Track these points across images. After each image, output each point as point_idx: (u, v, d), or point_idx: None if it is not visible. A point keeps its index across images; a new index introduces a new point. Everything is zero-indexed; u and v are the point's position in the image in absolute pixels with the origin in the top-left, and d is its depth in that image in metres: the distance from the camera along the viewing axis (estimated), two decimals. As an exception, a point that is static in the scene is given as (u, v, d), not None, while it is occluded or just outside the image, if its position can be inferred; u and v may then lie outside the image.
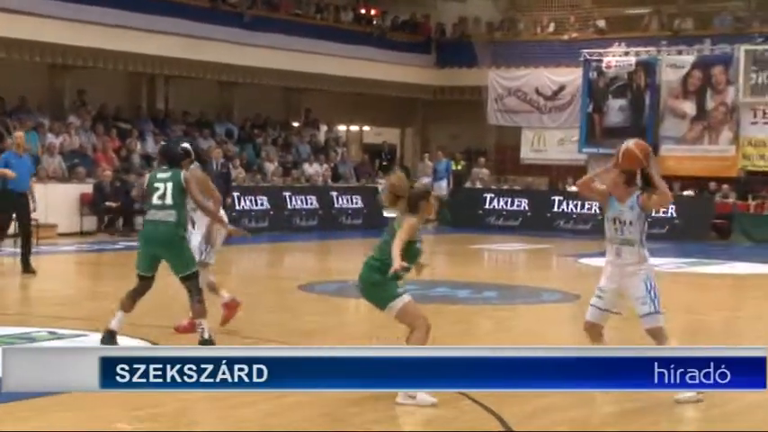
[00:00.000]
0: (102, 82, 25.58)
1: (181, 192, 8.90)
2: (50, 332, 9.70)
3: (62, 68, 24.65)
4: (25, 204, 14.63)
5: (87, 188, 22.01)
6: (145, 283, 9.01)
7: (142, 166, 23.74)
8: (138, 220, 22.66)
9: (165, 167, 9.17)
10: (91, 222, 22.02)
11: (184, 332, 9.74)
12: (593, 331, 7.76)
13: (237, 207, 23.38)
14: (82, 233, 21.46)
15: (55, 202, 20.44)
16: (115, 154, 23.79)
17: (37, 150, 21.66)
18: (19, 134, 16.09)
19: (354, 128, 35.29)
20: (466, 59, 31.67)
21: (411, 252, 7.44)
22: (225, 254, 17.86)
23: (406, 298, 7.37)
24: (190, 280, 9.03)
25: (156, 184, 8.95)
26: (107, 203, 21.91)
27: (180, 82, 27.42)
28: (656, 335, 7.57)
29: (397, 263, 7.14)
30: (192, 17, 25.52)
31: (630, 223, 7.58)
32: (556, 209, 26.68)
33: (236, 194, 23.18)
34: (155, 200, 8.92)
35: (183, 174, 9.00)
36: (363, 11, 32.28)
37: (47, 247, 18.14)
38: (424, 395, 7.08)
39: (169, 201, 8.87)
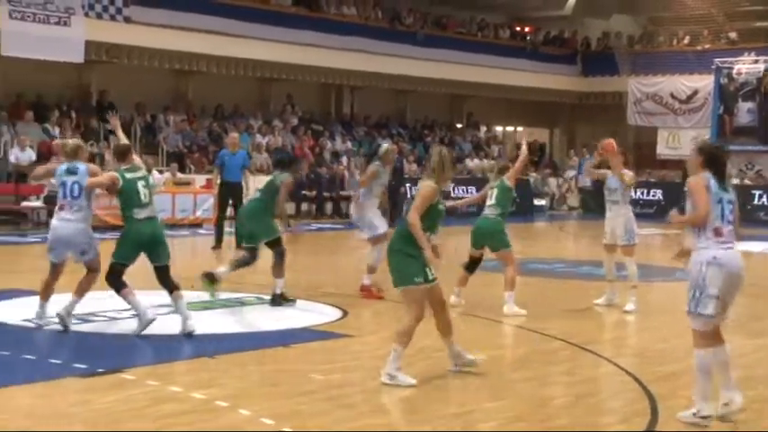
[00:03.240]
0: (301, 92, 26.19)
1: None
2: (258, 297, 9.96)
3: (269, 81, 25.36)
4: (239, 192, 15.01)
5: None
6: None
7: (331, 161, 24.20)
8: (328, 206, 23.22)
9: (276, 172, 10.03)
10: (290, 208, 22.54)
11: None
12: None
13: (409, 196, 23.51)
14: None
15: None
16: (310, 151, 24.30)
17: (248, 148, 22.34)
18: (233, 135, 16.58)
19: (509, 128, 35.00)
20: (608, 69, 31.17)
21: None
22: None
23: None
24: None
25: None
26: (303, 192, 22.41)
27: (362, 90, 27.78)
28: None
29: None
30: (373, 36, 25.90)
31: None
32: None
33: (407, 185, 23.34)
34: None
35: (280, 179, 9.78)
36: (518, 28, 32.17)
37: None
38: (404, 376, 6.40)
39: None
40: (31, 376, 5.80)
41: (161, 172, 19.93)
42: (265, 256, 9.89)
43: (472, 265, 9.91)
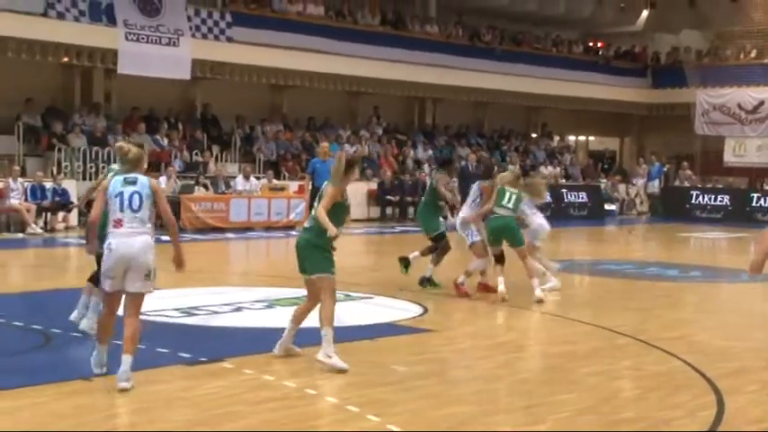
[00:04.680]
0: (386, 104, 26.30)
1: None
2: (346, 294, 9.99)
3: (357, 94, 25.54)
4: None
5: (373, 185, 22.65)
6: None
7: (414, 169, 24.21)
8: (410, 210, 23.19)
9: (434, 172, 10.36)
10: (375, 211, 22.68)
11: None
12: None
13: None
14: (369, 220, 22.12)
15: (350, 196, 20.99)
16: (394, 159, 24.36)
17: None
18: (324, 144, 16.70)
19: (581, 138, 34.50)
20: (677, 81, 30.46)
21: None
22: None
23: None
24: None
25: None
26: (387, 197, 22.48)
27: (443, 102, 27.73)
28: None
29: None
30: (454, 53, 25.86)
31: None
32: (754, 204, 25.38)
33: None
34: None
35: (435, 178, 10.31)
36: (591, 44, 31.72)
37: (344, 229, 18.72)
38: (338, 360, 6.35)
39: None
40: (142, 364, 5.95)
41: (258, 179, 20.26)
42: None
43: (500, 258, 9.98)
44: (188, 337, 7.63)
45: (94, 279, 7.35)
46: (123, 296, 5.97)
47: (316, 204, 6.76)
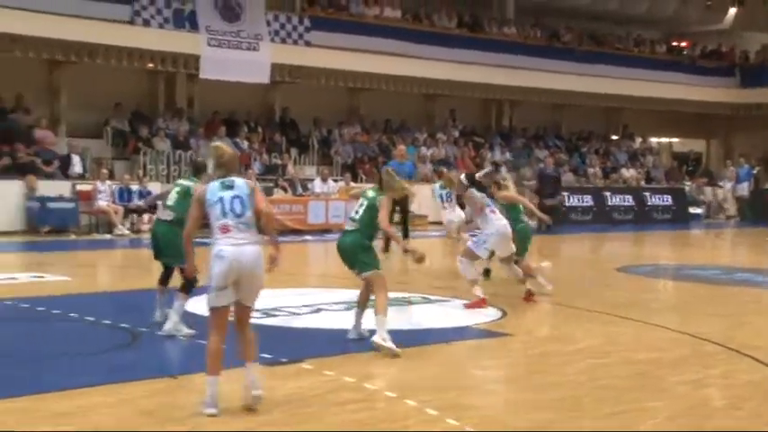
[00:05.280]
0: (463, 106, 26.20)
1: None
2: (423, 297, 10.00)
3: (433, 96, 25.52)
4: (405, 200, 15.09)
5: (450, 188, 22.54)
6: None
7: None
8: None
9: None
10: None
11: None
12: None
13: (567, 203, 23.11)
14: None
15: (426, 198, 20.87)
16: (471, 161, 24.24)
17: (414, 160, 22.51)
18: (401, 147, 16.73)
19: (665, 139, 33.74)
20: (767, 80, 29.39)
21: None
22: (553, 242, 17.79)
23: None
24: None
25: None
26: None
27: (520, 104, 27.49)
28: None
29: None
30: (533, 54, 25.64)
31: None
32: None
33: (565, 194, 22.93)
34: None
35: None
36: (675, 43, 30.98)
37: (420, 232, 18.79)
38: (392, 344, 6.89)
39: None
40: (225, 363, 6.04)
41: (336, 181, 20.41)
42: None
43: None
44: (269, 338, 7.66)
45: (164, 280, 7.91)
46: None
47: (359, 213, 7.28)
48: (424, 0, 25.41)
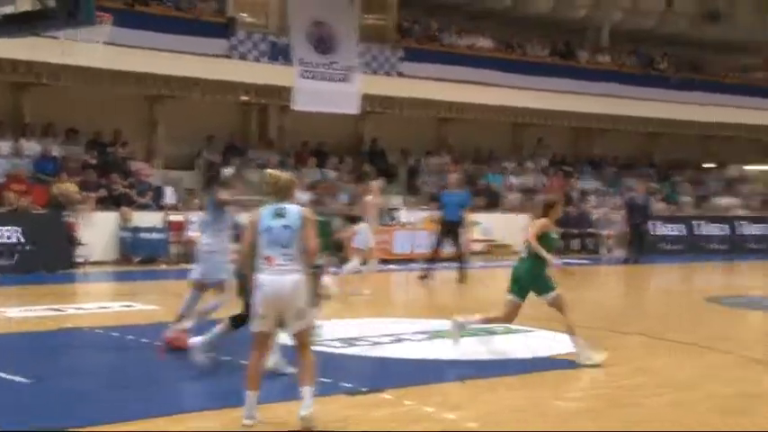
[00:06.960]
0: (551, 134, 25.95)
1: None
2: (506, 327, 9.82)
3: (522, 125, 25.34)
4: (456, 230, 14.73)
5: (537, 217, 22.22)
6: None
7: (580, 200, 23.70)
8: (575, 242, 22.55)
9: None
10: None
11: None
12: None
13: (654, 233, 22.58)
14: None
15: (514, 227, 20.42)
16: (559, 188, 23.95)
17: (500, 188, 22.37)
18: (452, 175, 16.46)
19: (762, 167, 32.59)
20: None
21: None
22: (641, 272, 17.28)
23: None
24: None
25: None
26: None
27: (611, 132, 27.00)
28: None
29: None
30: (626, 82, 25.32)
31: None
32: None
33: (654, 223, 22.45)
34: None
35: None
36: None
37: (506, 262, 18.41)
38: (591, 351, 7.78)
39: None
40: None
41: (422, 211, 20.39)
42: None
43: None
44: (349, 367, 7.76)
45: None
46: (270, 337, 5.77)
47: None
48: (517, 30, 25.35)
